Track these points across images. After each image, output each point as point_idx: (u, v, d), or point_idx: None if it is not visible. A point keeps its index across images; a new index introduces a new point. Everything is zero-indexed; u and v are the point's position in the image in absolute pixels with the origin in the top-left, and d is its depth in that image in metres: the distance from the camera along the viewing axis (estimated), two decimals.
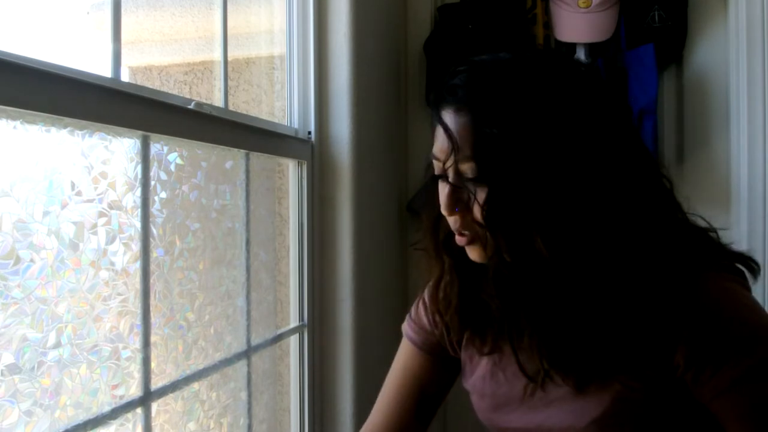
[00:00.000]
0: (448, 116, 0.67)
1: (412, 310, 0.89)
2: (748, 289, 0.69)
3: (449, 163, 0.67)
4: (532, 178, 0.63)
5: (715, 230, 0.74)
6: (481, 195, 0.65)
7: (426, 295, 0.85)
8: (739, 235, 1.64)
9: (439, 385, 0.87)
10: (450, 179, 0.68)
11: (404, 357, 0.88)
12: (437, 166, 0.70)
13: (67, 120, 0.75)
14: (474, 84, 0.66)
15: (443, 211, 0.69)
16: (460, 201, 0.68)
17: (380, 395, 0.88)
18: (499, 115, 0.63)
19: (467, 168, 0.66)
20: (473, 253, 0.71)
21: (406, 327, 0.89)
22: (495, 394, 0.78)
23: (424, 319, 0.86)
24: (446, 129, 0.67)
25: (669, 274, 0.66)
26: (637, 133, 0.70)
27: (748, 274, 0.71)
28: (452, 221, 0.70)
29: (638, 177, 0.67)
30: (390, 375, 0.89)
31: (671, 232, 0.69)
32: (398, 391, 0.86)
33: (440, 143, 0.68)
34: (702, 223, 0.74)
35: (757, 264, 0.72)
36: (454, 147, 0.66)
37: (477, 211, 0.66)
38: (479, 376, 0.80)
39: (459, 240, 0.70)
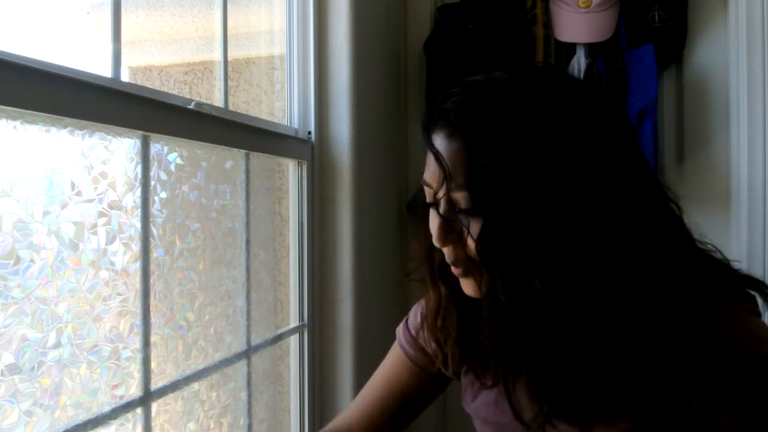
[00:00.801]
0: (440, 141, 0.63)
1: (411, 316, 0.86)
2: (760, 315, 0.66)
3: (441, 192, 0.63)
4: (530, 211, 0.58)
5: (722, 254, 0.69)
6: (475, 228, 0.61)
7: (424, 312, 0.81)
8: (739, 235, 1.64)
9: (425, 396, 0.86)
10: (441, 210, 0.63)
11: (394, 363, 0.86)
12: (428, 194, 0.65)
13: (67, 120, 0.75)
14: (467, 108, 0.61)
15: (435, 242, 0.65)
16: (452, 232, 0.63)
17: (363, 391, 0.87)
18: (495, 142, 0.59)
19: (460, 198, 0.61)
20: (467, 287, 0.66)
21: (401, 335, 0.86)
22: (500, 423, 0.74)
23: (421, 341, 0.82)
24: (437, 156, 0.62)
25: (681, 309, 0.61)
26: (641, 155, 0.65)
27: (759, 299, 0.66)
28: (445, 252, 0.66)
29: (645, 205, 0.63)
30: (377, 374, 0.87)
31: (682, 262, 0.64)
32: (381, 393, 0.85)
33: (432, 170, 0.64)
34: (704, 244, 0.69)
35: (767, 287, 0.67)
36: (446, 175, 0.61)
37: (471, 245, 0.62)
38: (483, 403, 0.77)
39: (454, 271, 0.66)
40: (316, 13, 1.45)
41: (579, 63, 1.72)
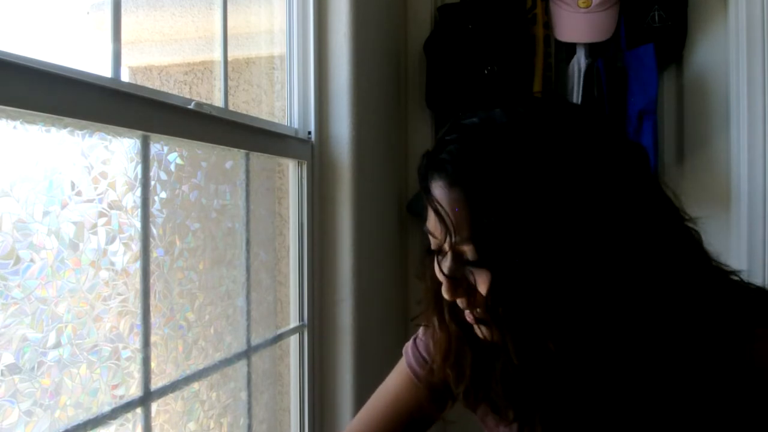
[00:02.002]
0: (439, 192, 0.59)
1: (420, 333, 0.82)
2: None
3: (446, 245, 0.60)
4: (542, 263, 0.54)
5: (738, 275, 0.65)
6: (483, 281, 0.58)
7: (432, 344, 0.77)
8: (739, 235, 1.64)
9: (432, 414, 0.82)
10: (447, 264, 0.60)
11: (401, 383, 0.82)
12: (433, 242, 0.63)
13: (67, 120, 0.75)
14: (465, 158, 0.58)
15: (444, 294, 0.62)
16: (461, 283, 0.60)
17: (365, 411, 0.83)
18: (497, 193, 0.55)
19: (466, 250, 0.58)
20: (482, 333, 0.63)
21: (410, 354, 0.81)
22: None
23: (432, 363, 0.78)
24: (438, 209, 0.58)
25: (713, 342, 0.58)
26: (656, 183, 0.61)
27: None
28: (458, 302, 0.63)
29: (663, 240, 0.59)
30: (381, 394, 0.83)
31: (704, 292, 0.60)
32: (387, 414, 0.81)
33: (432, 220, 0.61)
34: (724, 265, 0.66)
35: None
36: (449, 229, 0.58)
37: (481, 298, 0.59)
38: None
39: (468, 318, 0.63)
40: (316, 13, 1.45)
41: (579, 63, 1.72)
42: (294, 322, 1.39)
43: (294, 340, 1.39)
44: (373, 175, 1.58)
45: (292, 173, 1.40)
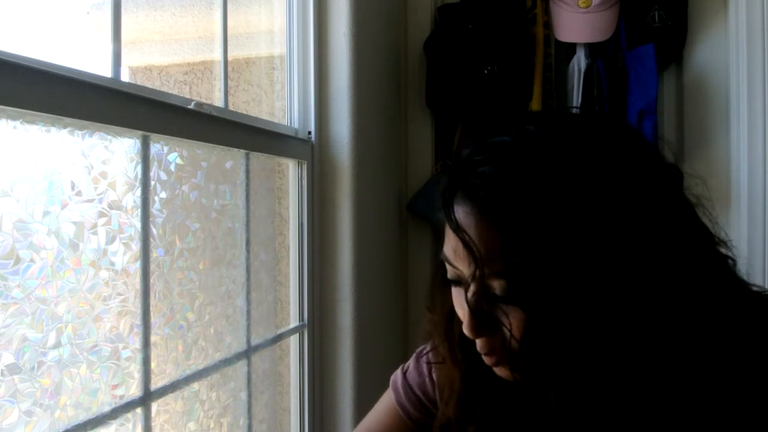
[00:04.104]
0: (466, 219, 0.52)
1: (410, 368, 0.76)
2: None
3: (471, 278, 0.53)
4: (584, 301, 0.49)
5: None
6: (516, 320, 0.52)
7: (433, 372, 0.72)
8: (739, 235, 1.64)
9: None
10: (471, 300, 0.53)
11: (388, 422, 0.75)
12: (452, 272, 0.56)
13: (67, 120, 0.75)
14: (500, 184, 0.51)
15: (466, 332, 0.55)
16: (486, 322, 0.54)
17: None
18: (537, 225, 0.49)
19: (496, 285, 0.52)
20: (502, 372, 0.58)
21: (400, 389, 0.75)
22: None
23: (423, 398, 0.73)
24: (465, 239, 0.52)
25: (759, 383, 0.53)
26: (691, 205, 0.57)
27: None
28: (477, 343, 0.57)
29: (705, 272, 0.54)
30: (365, 428, 0.77)
31: (748, 329, 0.56)
32: None
33: (457, 250, 0.54)
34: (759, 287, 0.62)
35: None
36: (477, 261, 0.51)
37: (509, 338, 0.53)
38: None
39: (487, 361, 0.57)
40: (316, 13, 1.45)
41: (579, 63, 1.72)
42: (294, 322, 1.39)
43: (294, 340, 1.39)
44: (373, 175, 1.58)
45: (292, 173, 1.40)
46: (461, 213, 0.53)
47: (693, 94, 1.76)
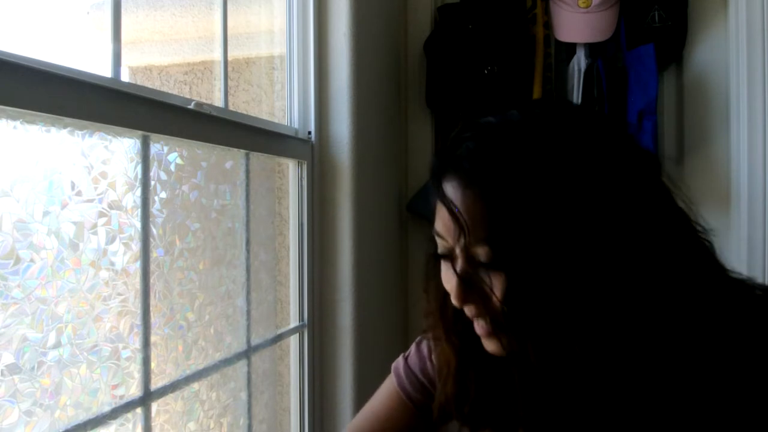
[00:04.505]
0: (453, 191, 0.56)
1: (411, 354, 0.78)
2: None
3: (458, 247, 0.57)
4: (561, 263, 0.53)
5: (752, 281, 0.63)
6: (499, 285, 0.55)
7: (430, 359, 0.75)
8: (739, 235, 1.64)
9: None
10: (459, 266, 0.57)
11: (389, 402, 0.77)
12: (441, 245, 0.60)
13: (67, 120, 0.75)
14: (483, 155, 0.55)
15: (453, 301, 0.59)
16: (472, 290, 0.57)
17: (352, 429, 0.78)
18: (517, 191, 0.53)
19: (480, 252, 0.56)
20: (491, 346, 0.61)
21: (402, 373, 0.77)
22: None
23: (425, 381, 0.75)
24: (452, 209, 0.56)
25: (732, 358, 0.56)
26: (667, 190, 0.61)
27: None
28: (466, 310, 0.60)
29: (680, 247, 0.58)
30: (366, 414, 0.78)
31: (724, 304, 0.58)
32: None
33: (446, 222, 0.58)
34: (737, 274, 0.64)
35: None
36: (464, 229, 0.55)
37: (495, 303, 0.56)
38: None
39: (477, 329, 0.61)
40: (316, 13, 1.45)
41: (579, 63, 1.72)
42: (294, 322, 1.39)
43: (294, 340, 1.39)
44: (373, 175, 1.58)
45: (292, 173, 1.40)
46: (449, 187, 0.57)
47: (693, 94, 1.75)
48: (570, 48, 1.76)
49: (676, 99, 1.78)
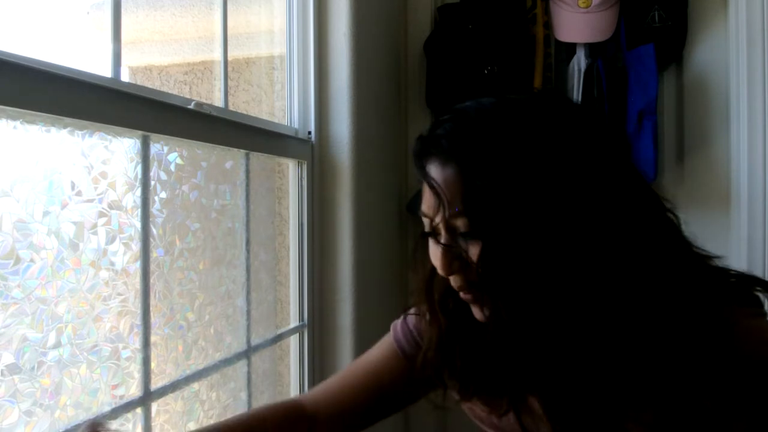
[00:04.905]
0: (434, 170, 0.62)
1: (412, 311, 0.82)
2: (766, 315, 0.65)
3: (438, 219, 0.62)
4: (528, 230, 0.58)
5: (718, 258, 0.68)
6: (475, 251, 0.61)
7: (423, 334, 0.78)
8: (739, 235, 1.64)
9: (408, 396, 0.81)
10: (442, 238, 0.63)
11: (383, 356, 0.80)
12: (426, 224, 0.65)
13: (67, 120, 0.75)
14: (459, 133, 0.61)
15: (440, 272, 0.64)
16: (456, 259, 0.62)
17: (340, 377, 0.81)
18: (488, 164, 0.59)
19: (459, 223, 0.61)
20: (477, 313, 0.65)
21: (399, 330, 0.81)
22: (505, 428, 0.72)
23: (421, 342, 0.78)
24: (433, 183, 0.62)
25: (690, 318, 0.60)
26: (635, 168, 0.65)
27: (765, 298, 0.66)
28: (452, 281, 0.65)
29: (642, 217, 0.62)
30: (360, 364, 0.81)
31: (684, 271, 0.64)
32: (362, 383, 0.79)
33: (428, 200, 0.64)
34: (703, 251, 0.68)
35: None
36: (443, 202, 0.61)
37: (473, 267, 0.61)
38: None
39: (463, 297, 0.65)
40: (316, 13, 1.45)
41: (579, 63, 1.72)
42: (294, 322, 1.39)
43: (294, 340, 1.39)
44: (373, 175, 1.58)
45: (292, 173, 1.40)
46: (430, 166, 0.62)
47: (693, 94, 1.75)
48: (570, 48, 1.76)
49: (676, 99, 1.78)
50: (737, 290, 0.65)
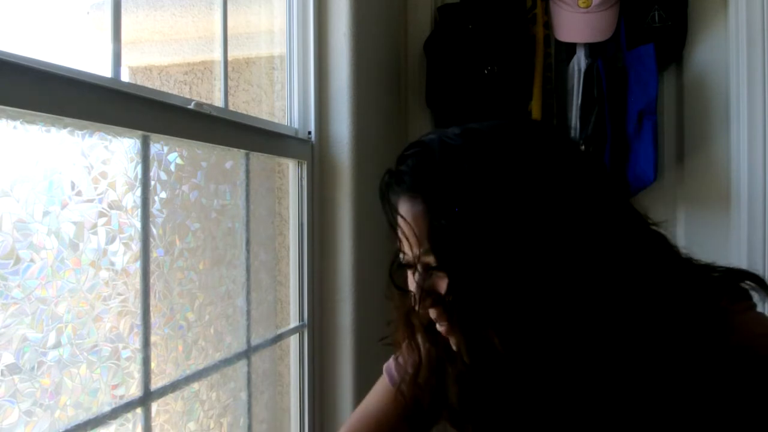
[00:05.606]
0: (404, 206, 0.63)
1: (404, 351, 0.82)
2: (756, 306, 0.65)
3: (412, 257, 0.63)
4: (493, 267, 0.57)
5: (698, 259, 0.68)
6: (442, 286, 0.61)
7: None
8: (739, 235, 1.64)
9: (419, 429, 0.79)
10: (417, 274, 0.64)
11: (384, 402, 0.79)
12: (403, 257, 0.66)
13: (67, 120, 0.75)
14: (421, 170, 0.61)
15: (416, 307, 0.65)
16: (430, 294, 0.63)
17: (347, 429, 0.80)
18: (451, 202, 0.58)
19: (430, 259, 0.61)
20: (453, 344, 0.66)
21: (393, 371, 0.81)
22: None
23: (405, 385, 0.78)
24: (402, 220, 0.62)
25: (685, 324, 0.60)
26: (610, 190, 0.63)
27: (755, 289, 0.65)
28: (430, 313, 0.65)
29: (618, 237, 0.61)
30: (360, 415, 0.81)
31: (674, 280, 0.62)
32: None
33: (400, 233, 0.64)
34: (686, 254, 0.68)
35: (760, 279, 0.66)
36: (415, 238, 0.61)
37: (446, 299, 0.61)
38: None
39: (440, 329, 0.66)
40: (316, 13, 1.45)
41: (579, 63, 1.72)
42: (294, 322, 1.39)
43: (294, 340, 1.39)
44: (373, 175, 1.58)
45: (292, 173, 1.40)
46: (398, 202, 0.63)
47: (693, 94, 1.75)
48: (570, 48, 1.76)
49: (676, 99, 1.78)
50: (726, 286, 0.65)
